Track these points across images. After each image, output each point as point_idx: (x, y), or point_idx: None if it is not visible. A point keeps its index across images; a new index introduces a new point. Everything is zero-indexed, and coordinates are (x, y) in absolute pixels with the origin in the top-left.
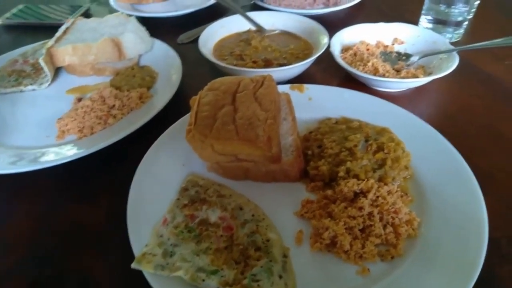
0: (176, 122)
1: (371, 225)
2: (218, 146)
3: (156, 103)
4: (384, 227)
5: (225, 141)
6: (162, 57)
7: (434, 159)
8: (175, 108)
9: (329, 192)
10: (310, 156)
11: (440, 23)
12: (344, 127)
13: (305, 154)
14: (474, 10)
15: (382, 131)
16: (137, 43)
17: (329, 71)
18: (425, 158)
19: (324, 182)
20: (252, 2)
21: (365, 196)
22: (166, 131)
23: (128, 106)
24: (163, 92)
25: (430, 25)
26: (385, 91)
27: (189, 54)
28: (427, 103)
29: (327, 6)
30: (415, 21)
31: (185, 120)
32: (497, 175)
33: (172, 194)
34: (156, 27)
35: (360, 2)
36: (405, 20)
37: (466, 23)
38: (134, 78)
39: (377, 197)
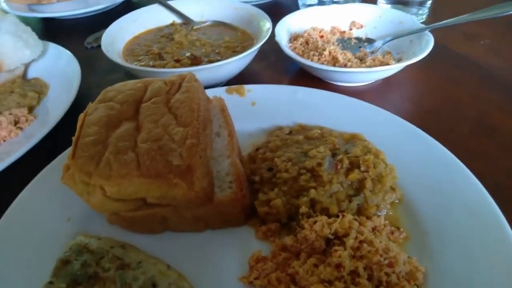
0: (62, 155)
1: None
2: (110, 189)
3: (40, 127)
4: None
5: (119, 179)
6: (57, 65)
7: (426, 170)
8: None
9: (288, 240)
10: (258, 185)
11: (401, 3)
12: (301, 138)
13: (251, 182)
14: None
15: (353, 138)
16: (18, 48)
17: (276, 67)
18: (414, 170)
19: (280, 222)
20: None
21: (343, 243)
22: (46, 168)
23: None
24: (54, 110)
25: (389, 7)
26: (348, 86)
27: (100, 59)
28: (401, 97)
29: None
30: (373, 2)
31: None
32: (504, 183)
33: (47, 272)
34: (61, 30)
35: None
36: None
37: (429, 1)
38: (11, 96)
39: (360, 242)
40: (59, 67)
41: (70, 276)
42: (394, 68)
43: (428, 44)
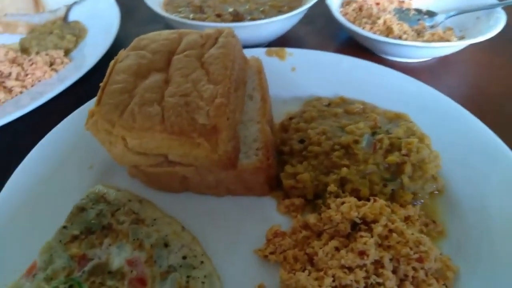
0: (90, 101)
1: (379, 284)
2: (132, 141)
3: (74, 71)
4: (402, 286)
5: (141, 132)
6: (98, 11)
7: (475, 163)
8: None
9: (311, 218)
10: (286, 156)
11: None
12: (340, 111)
13: (279, 152)
14: None
15: (397, 118)
16: None
17: (323, 33)
18: (462, 161)
19: (305, 198)
20: None
21: (370, 230)
22: (73, 113)
23: (32, 75)
24: (89, 56)
25: None
26: (399, 62)
27: (140, 8)
28: (458, 79)
29: None
30: None
31: None
32: None
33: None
34: None
35: None
36: None
37: None
38: (50, 37)
39: (390, 231)
40: (99, 13)
41: (85, 223)
42: (455, 46)
43: (498, 22)
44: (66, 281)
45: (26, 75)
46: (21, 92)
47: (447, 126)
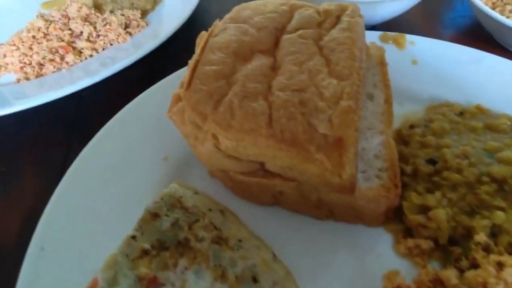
0: (167, 78)
1: None
2: (226, 142)
3: (151, 37)
4: None
5: (241, 134)
6: None
7: None
8: (186, 51)
9: (450, 275)
10: (408, 178)
11: None
12: (480, 126)
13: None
14: None
15: None
16: None
17: (447, 21)
18: None
19: (435, 242)
20: None
21: None
22: (147, 91)
23: (104, 37)
24: (168, 21)
25: None
26: None
27: None
28: None
29: None
30: None
31: (182, 75)
32: None
33: (133, 220)
34: None
35: None
36: None
37: None
38: None
39: None
40: None
41: (157, 235)
42: None
43: None
44: None
45: (98, 36)
46: (91, 56)
47: None
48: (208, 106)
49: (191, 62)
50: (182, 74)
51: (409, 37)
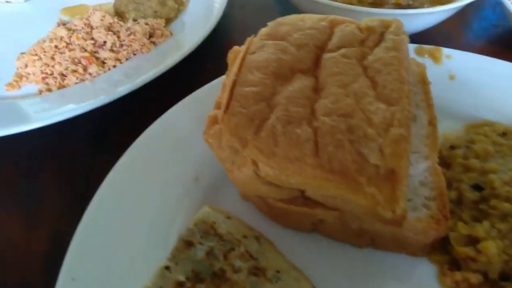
0: (198, 91)
1: None
2: (267, 170)
3: (176, 47)
4: None
5: (285, 163)
6: None
7: None
8: (210, 62)
9: None
10: (452, 205)
11: None
12: None
13: None
14: None
15: None
16: None
17: (479, 31)
18: None
19: (484, 276)
20: None
21: None
22: (176, 105)
23: (128, 47)
24: (192, 30)
25: None
26: None
27: None
28: None
29: None
30: None
31: (214, 90)
32: None
33: (165, 247)
34: None
35: None
36: None
37: None
38: (150, 1)
39: None
40: None
41: (192, 265)
42: None
43: None
44: None
45: (121, 45)
46: (114, 66)
47: None
48: (248, 131)
49: (227, 81)
50: (211, 88)
51: (446, 51)
